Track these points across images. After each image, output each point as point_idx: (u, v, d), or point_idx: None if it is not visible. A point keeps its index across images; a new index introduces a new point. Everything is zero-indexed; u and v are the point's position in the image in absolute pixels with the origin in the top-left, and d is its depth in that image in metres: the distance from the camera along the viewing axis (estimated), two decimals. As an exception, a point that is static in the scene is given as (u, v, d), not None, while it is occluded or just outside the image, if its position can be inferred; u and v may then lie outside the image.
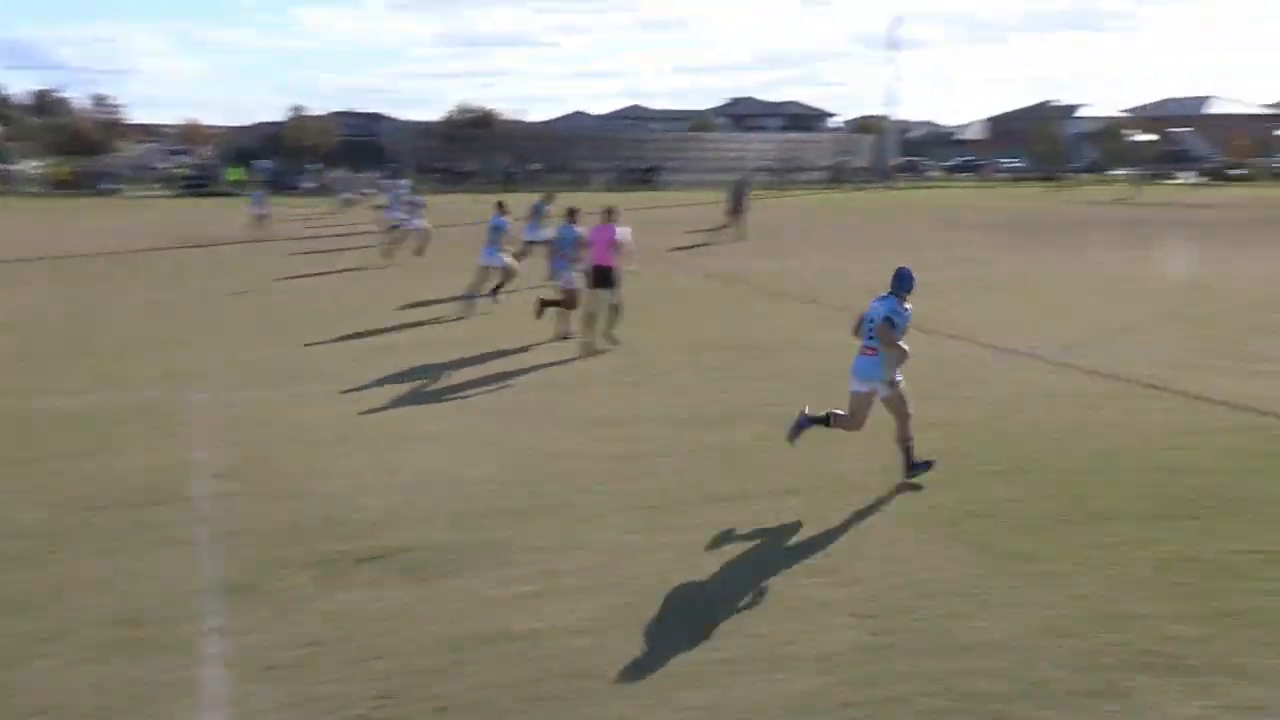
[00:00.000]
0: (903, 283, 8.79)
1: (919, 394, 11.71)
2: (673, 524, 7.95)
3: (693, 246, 29.35)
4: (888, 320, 8.58)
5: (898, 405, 8.81)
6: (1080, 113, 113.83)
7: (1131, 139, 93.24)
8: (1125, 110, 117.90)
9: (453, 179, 65.89)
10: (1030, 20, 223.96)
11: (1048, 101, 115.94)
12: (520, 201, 19.54)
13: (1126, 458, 9.36)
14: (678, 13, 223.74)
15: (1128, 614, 6.36)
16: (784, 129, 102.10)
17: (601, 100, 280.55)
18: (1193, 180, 73.51)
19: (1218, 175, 73.64)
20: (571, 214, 15.82)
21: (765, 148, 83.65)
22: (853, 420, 8.90)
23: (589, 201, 20.68)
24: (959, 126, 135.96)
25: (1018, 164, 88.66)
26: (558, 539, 7.67)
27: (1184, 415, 10.81)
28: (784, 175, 73.52)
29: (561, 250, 15.60)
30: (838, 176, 74.07)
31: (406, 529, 7.87)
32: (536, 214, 21.35)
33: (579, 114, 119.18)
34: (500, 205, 18.90)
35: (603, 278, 14.83)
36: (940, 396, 11.65)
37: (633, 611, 6.50)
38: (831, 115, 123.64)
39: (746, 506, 8.29)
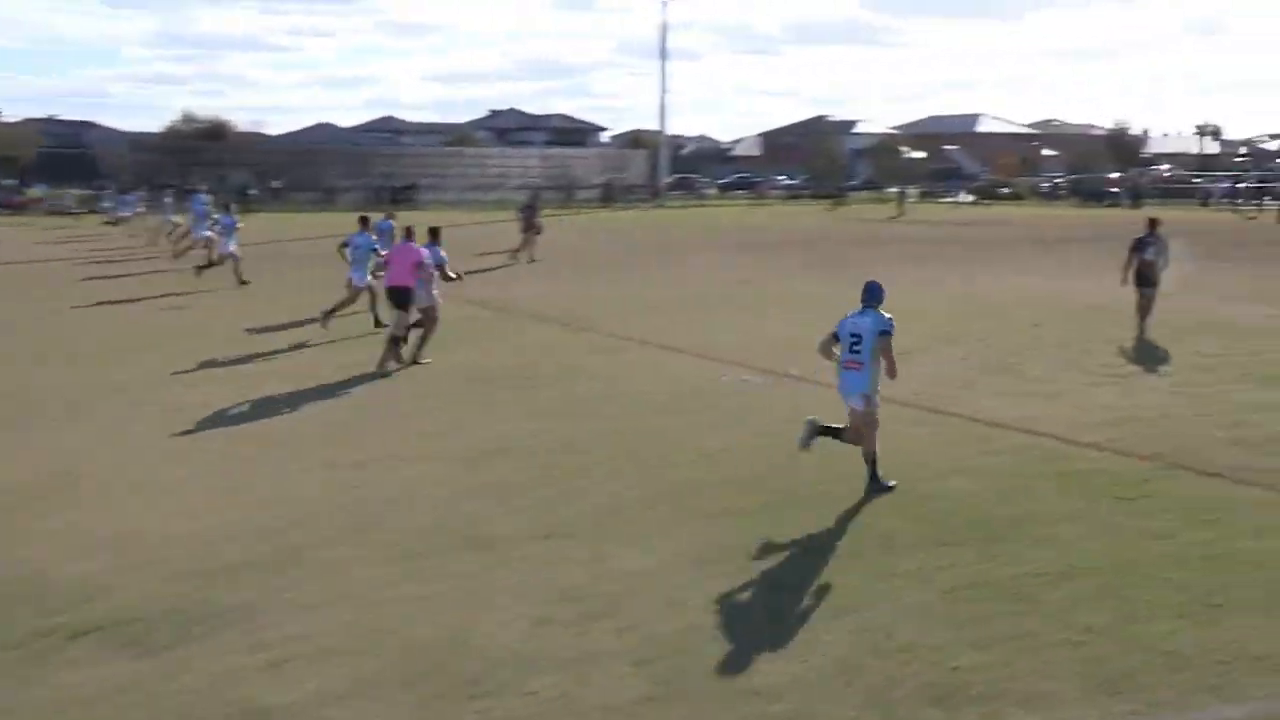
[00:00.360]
0: (874, 295, 9.69)
1: (697, 425, 12.05)
2: (436, 572, 7.84)
3: (480, 271, 28.99)
4: (884, 334, 9.44)
5: (867, 420, 9.56)
6: (855, 129, 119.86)
7: (906, 156, 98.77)
8: (896, 127, 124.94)
9: (183, 197, 63.10)
10: (803, 33, 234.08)
11: (823, 117, 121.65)
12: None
13: (909, 483, 9.84)
14: (428, 17, 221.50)
15: (916, 645, 6.68)
16: (551, 143, 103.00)
17: (349, 112, 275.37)
18: (965, 199, 78.48)
19: (987, 194, 78.80)
20: (434, 234, 16.44)
21: (531, 163, 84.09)
22: (855, 434, 9.66)
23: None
24: (733, 142, 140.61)
25: (793, 181, 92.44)
26: (307, 595, 7.43)
27: (962, 439, 11.48)
28: (570, 193, 73.95)
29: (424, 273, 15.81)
30: (609, 194, 75.14)
31: (130, 594, 7.45)
32: (380, 236, 20.85)
33: (325, 126, 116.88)
34: (364, 221, 19.04)
35: (400, 299, 15.41)
36: (718, 426, 11.97)
37: (393, 674, 6.36)
38: (601, 129, 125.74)
39: (516, 550, 8.26)
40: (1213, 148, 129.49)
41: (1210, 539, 8.44)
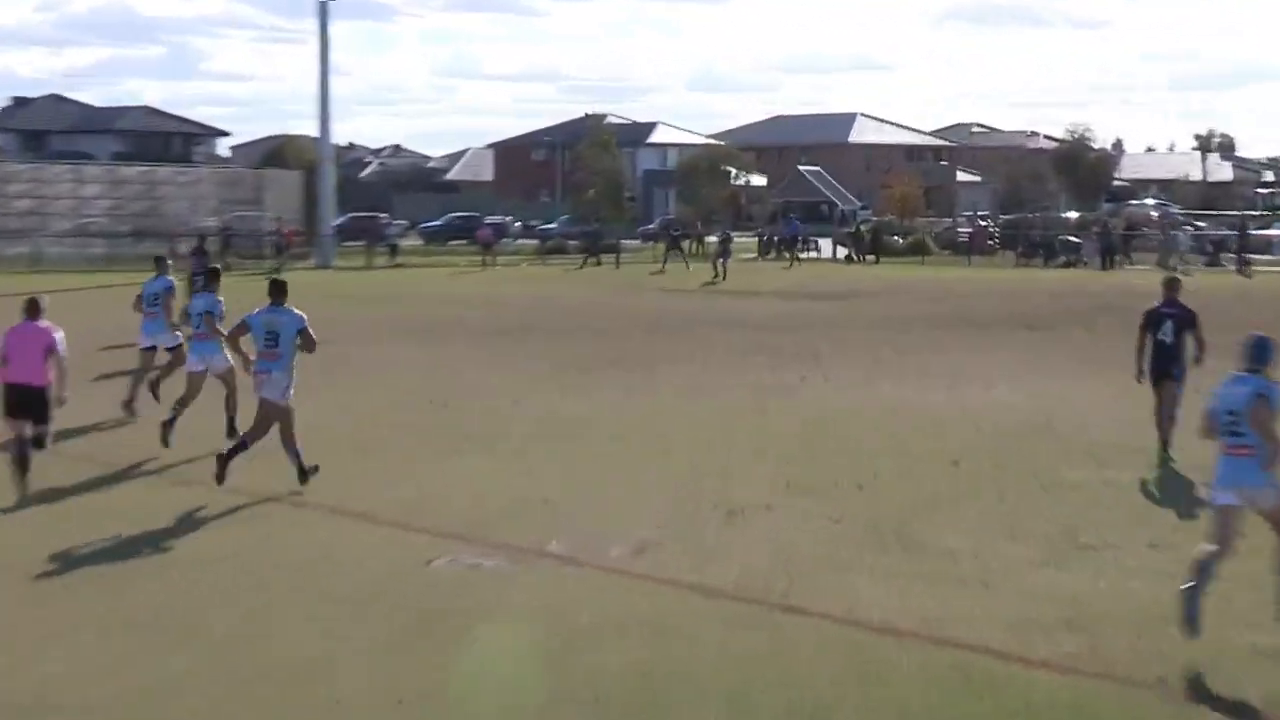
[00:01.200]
0: (1265, 353, 11.94)
1: (393, 645, 11.90)
2: None
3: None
4: (1261, 398, 11.46)
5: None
6: (653, 137, 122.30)
7: (737, 181, 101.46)
8: (719, 134, 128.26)
9: None
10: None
11: (599, 117, 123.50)
12: None
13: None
14: None
15: None
16: (126, 156, 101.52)
17: None
18: (834, 254, 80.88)
19: (869, 245, 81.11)
20: (279, 289, 18.18)
21: (91, 191, 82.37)
22: (1222, 546, 11.56)
23: None
24: (448, 158, 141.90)
25: (549, 225, 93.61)
26: None
27: (830, 653, 11.60)
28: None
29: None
30: (229, 245, 73.98)
31: None
32: (164, 295, 23.80)
33: None
34: (215, 274, 21.90)
35: (28, 404, 16.83)
36: (429, 646, 11.84)
37: None
38: (219, 134, 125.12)
39: None
40: (1223, 170, 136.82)
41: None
